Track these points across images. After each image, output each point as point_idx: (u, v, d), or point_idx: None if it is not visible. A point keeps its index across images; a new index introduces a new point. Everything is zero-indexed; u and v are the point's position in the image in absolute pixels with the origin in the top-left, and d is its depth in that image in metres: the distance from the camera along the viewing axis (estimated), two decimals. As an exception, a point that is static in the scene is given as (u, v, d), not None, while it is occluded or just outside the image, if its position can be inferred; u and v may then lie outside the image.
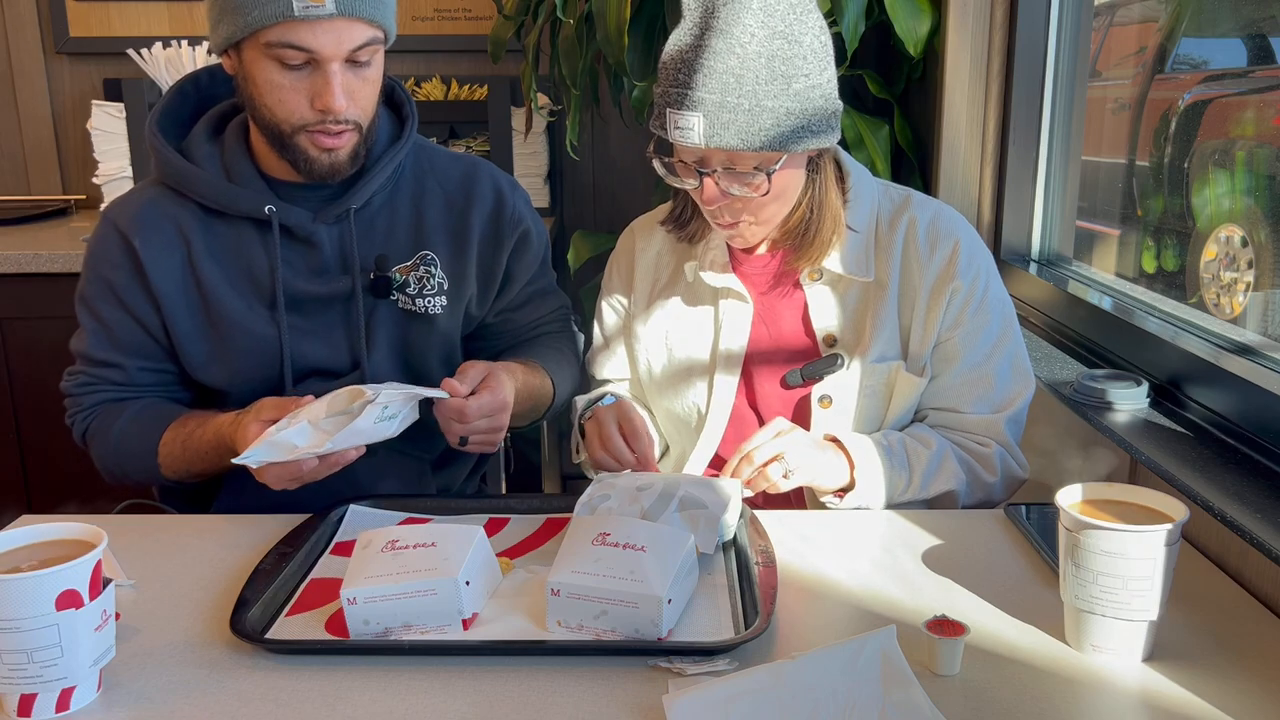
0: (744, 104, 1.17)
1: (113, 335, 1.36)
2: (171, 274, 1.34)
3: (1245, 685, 0.90)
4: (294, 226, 1.34)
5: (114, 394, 1.38)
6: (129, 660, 0.94)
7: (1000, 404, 1.32)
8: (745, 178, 1.22)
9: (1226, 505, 1.08)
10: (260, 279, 1.35)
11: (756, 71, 1.17)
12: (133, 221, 1.35)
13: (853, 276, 1.32)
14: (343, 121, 1.26)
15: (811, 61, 1.20)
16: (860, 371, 1.31)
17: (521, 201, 1.48)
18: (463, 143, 2.67)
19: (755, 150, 1.19)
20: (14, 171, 2.98)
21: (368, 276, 1.37)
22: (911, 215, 1.33)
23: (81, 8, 2.88)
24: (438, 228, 1.41)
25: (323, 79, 1.23)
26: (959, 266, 1.30)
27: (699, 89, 1.18)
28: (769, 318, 1.38)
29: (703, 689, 0.85)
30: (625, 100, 2.22)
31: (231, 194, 1.33)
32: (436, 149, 1.48)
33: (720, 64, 1.17)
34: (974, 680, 0.91)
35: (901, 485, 1.26)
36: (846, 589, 1.07)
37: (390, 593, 0.96)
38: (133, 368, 1.37)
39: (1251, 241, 2.01)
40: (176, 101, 1.40)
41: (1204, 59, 2.14)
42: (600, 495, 1.17)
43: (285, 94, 1.24)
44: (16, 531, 0.90)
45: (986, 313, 1.32)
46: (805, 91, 1.20)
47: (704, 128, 1.18)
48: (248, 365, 1.36)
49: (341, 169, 1.31)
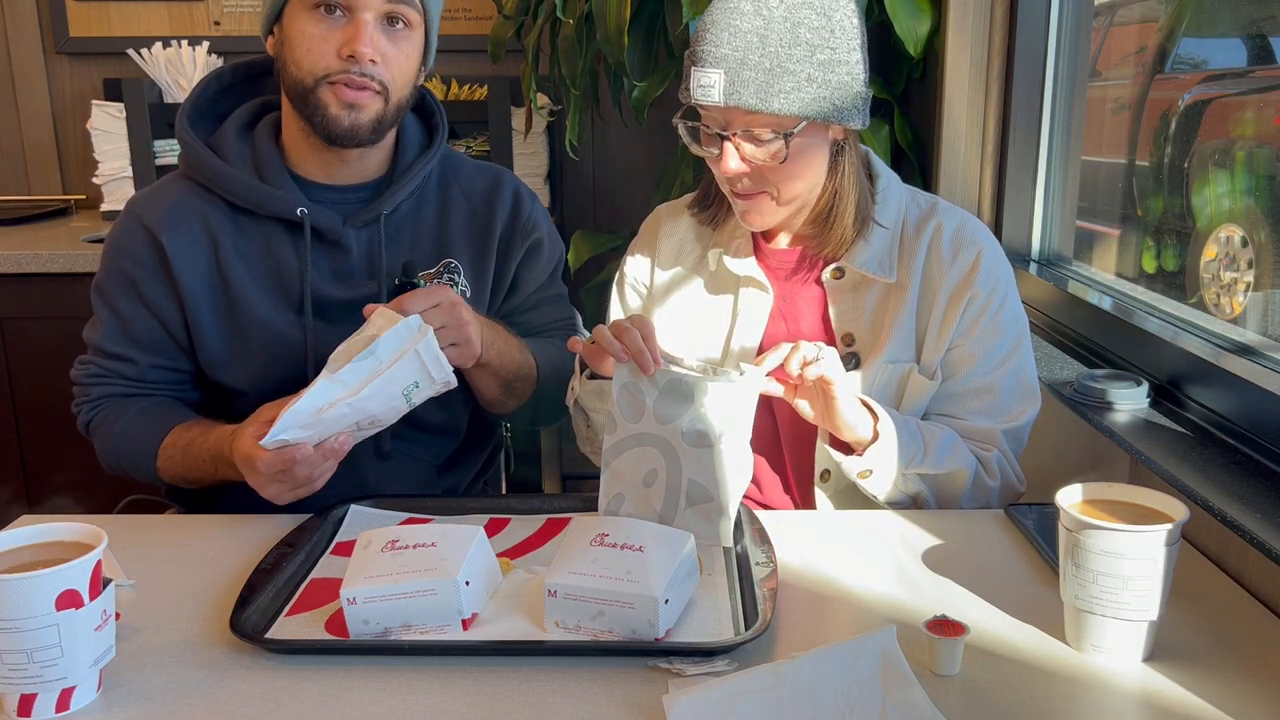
0: (765, 63, 1.18)
1: (128, 329, 1.36)
2: (198, 271, 1.34)
3: (1245, 685, 0.90)
4: (324, 229, 1.34)
5: (123, 388, 1.38)
6: (129, 660, 0.94)
7: (1002, 417, 1.32)
8: (763, 142, 1.22)
9: (1226, 505, 1.08)
10: (288, 281, 1.35)
11: (781, 34, 1.18)
12: (161, 217, 1.34)
13: (875, 277, 1.32)
14: (367, 76, 1.26)
15: (839, 37, 1.21)
16: (874, 371, 1.31)
17: (539, 212, 1.49)
18: (463, 143, 2.67)
19: (772, 112, 1.20)
20: (14, 171, 2.98)
21: (392, 282, 1.37)
22: (938, 221, 1.34)
23: (81, 8, 2.88)
24: (461, 236, 1.42)
25: (354, 27, 1.25)
26: (979, 275, 1.31)
27: (722, 46, 1.19)
28: (788, 312, 1.38)
29: (703, 689, 0.85)
30: (625, 100, 2.22)
31: (263, 194, 1.33)
32: (462, 158, 1.49)
33: (745, 23, 1.18)
34: (974, 680, 0.91)
35: (917, 453, 1.25)
36: (846, 589, 1.07)
37: (390, 593, 0.96)
38: (145, 364, 1.37)
39: (1251, 241, 2.01)
40: (206, 95, 1.41)
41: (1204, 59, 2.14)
42: (616, 496, 1.16)
43: (315, 43, 1.26)
44: (16, 531, 0.90)
45: (1001, 325, 1.32)
46: (830, 63, 1.20)
47: (724, 85, 1.19)
48: (270, 366, 1.35)
49: (361, 132, 1.29)
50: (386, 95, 1.29)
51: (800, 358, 1.18)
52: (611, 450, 1.17)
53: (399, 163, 1.38)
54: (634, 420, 1.15)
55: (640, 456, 1.15)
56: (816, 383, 1.19)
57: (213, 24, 2.90)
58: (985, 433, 1.32)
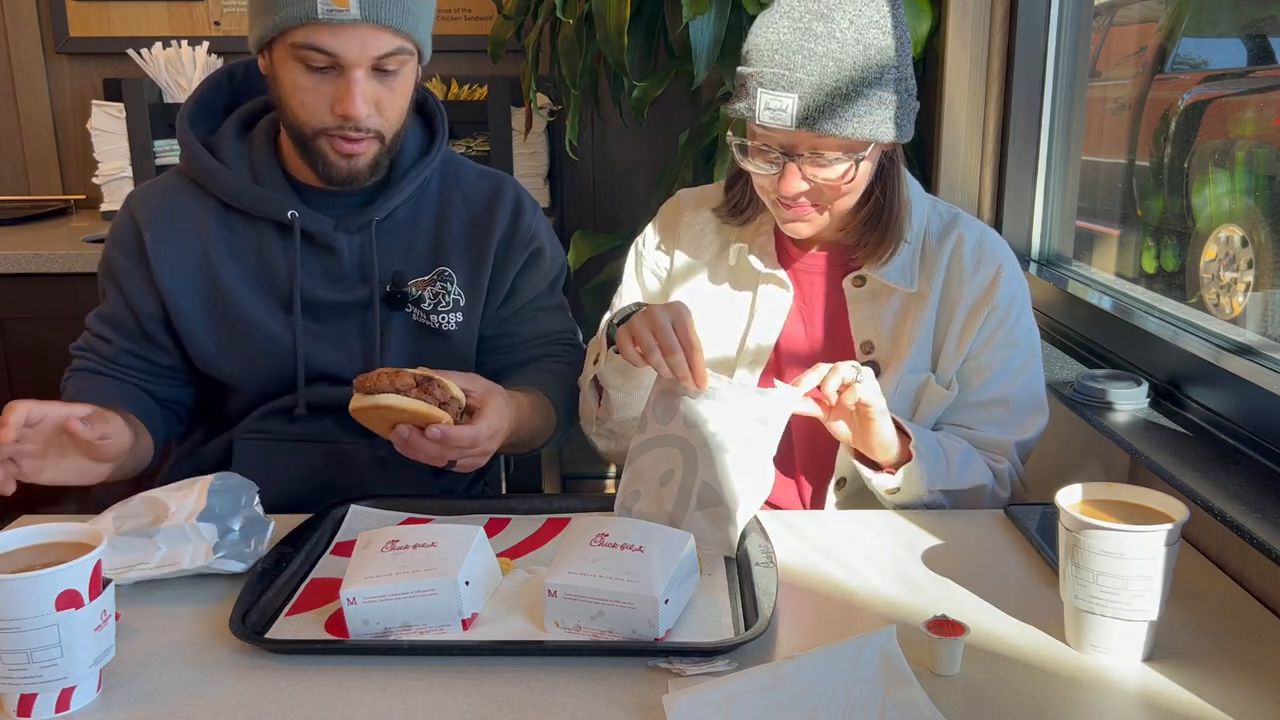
0: (840, 89, 1.17)
1: (109, 313, 1.39)
2: (181, 269, 1.35)
3: (1245, 685, 0.90)
4: (315, 233, 1.34)
5: (95, 365, 1.39)
6: (129, 660, 0.94)
7: (1015, 429, 1.32)
8: (831, 165, 1.21)
9: (1226, 505, 1.08)
10: (278, 282, 1.36)
11: (854, 57, 1.18)
12: (149, 215, 1.36)
13: (897, 286, 1.32)
14: (363, 129, 1.26)
15: (901, 54, 1.21)
16: (894, 381, 1.31)
17: (540, 222, 1.48)
18: (462, 143, 2.67)
19: (845, 136, 1.19)
20: (14, 171, 2.98)
21: (384, 288, 1.37)
22: (960, 233, 1.34)
23: (81, 8, 2.88)
24: (458, 244, 1.41)
25: (345, 84, 1.23)
26: (1000, 289, 1.31)
27: (797, 70, 1.18)
28: (807, 314, 1.37)
29: (703, 689, 0.85)
30: (625, 100, 2.22)
31: (255, 195, 1.34)
32: (465, 162, 1.49)
33: (819, 46, 1.17)
34: (974, 680, 0.91)
35: (942, 470, 1.25)
36: (846, 589, 1.07)
37: (390, 593, 0.96)
38: (119, 347, 1.38)
39: (1251, 241, 2.01)
40: (209, 94, 1.41)
41: (1204, 59, 2.14)
42: (633, 493, 1.16)
43: (308, 96, 1.25)
44: (16, 531, 0.90)
45: (1017, 339, 1.32)
46: (895, 82, 1.20)
47: (798, 109, 1.18)
48: (259, 364, 1.36)
49: (360, 176, 1.31)
50: (383, 137, 1.29)
51: (839, 380, 1.17)
52: (638, 449, 1.18)
53: (396, 167, 1.38)
54: (664, 423, 1.16)
55: (662, 456, 1.16)
56: (855, 406, 1.18)
57: (213, 24, 2.90)
58: (998, 444, 1.32)
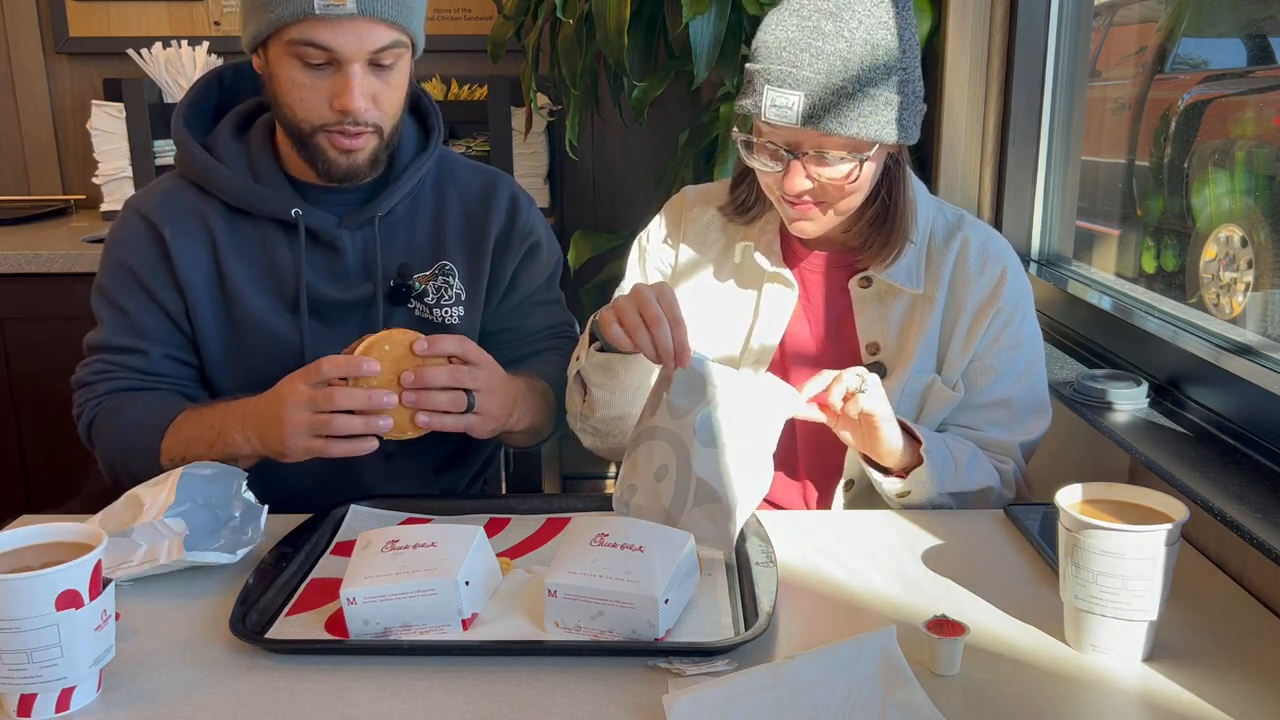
0: (847, 88, 1.17)
1: (135, 323, 1.35)
2: (198, 266, 1.34)
3: (1245, 685, 0.90)
4: (319, 230, 1.34)
5: (131, 382, 1.35)
6: (129, 660, 0.94)
7: (1019, 430, 1.32)
8: (835, 164, 1.21)
9: (1226, 505, 1.08)
10: (284, 280, 1.35)
11: (862, 56, 1.17)
12: (161, 211, 1.35)
13: (903, 287, 1.32)
14: (362, 124, 1.26)
15: (910, 56, 1.21)
16: (901, 382, 1.31)
17: (537, 217, 1.48)
18: (462, 143, 2.68)
19: (851, 135, 1.19)
20: (14, 171, 2.98)
21: (388, 284, 1.37)
22: (965, 235, 1.34)
23: (81, 8, 2.88)
24: (456, 239, 1.42)
25: (343, 79, 1.23)
26: (1005, 291, 1.31)
27: (804, 68, 1.17)
28: (811, 314, 1.37)
29: (703, 689, 0.85)
30: (625, 100, 2.22)
31: (257, 194, 1.34)
32: (459, 159, 1.49)
33: (828, 45, 1.17)
34: (974, 680, 0.91)
35: (951, 474, 1.25)
36: (847, 589, 1.07)
37: (390, 593, 0.96)
38: (156, 354, 1.35)
39: (1251, 241, 2.01)
40: (202, 96, 1.41)
41: (1204, 59, 2.15)
42: (629, 486, 1.16)
43: (305, 93, 1.24)
44: (16, 531, 0.90)
45: (1021, 341, 1.32)
46: (902, 84, 1.20)
47: (804, 107, 1.18)
48: (264, 366, 1.34)
49: (360, 172, 1.31)
50: (381, 131, 1.29)
51: (843, 389, 1.16)
52: (632, 440, 1.17)
53: (394, 164, 1.38)
54: (651, 413, 1.15)
55: (654, 450, 1.15)
56: (859, 416, 1.18)
57: (213, 24, 2.90)
58: (1002, 445, 1.32)
